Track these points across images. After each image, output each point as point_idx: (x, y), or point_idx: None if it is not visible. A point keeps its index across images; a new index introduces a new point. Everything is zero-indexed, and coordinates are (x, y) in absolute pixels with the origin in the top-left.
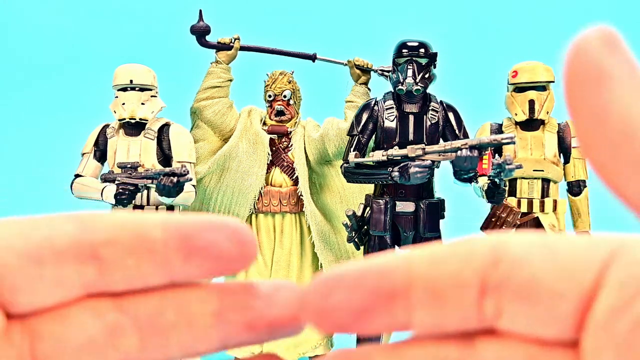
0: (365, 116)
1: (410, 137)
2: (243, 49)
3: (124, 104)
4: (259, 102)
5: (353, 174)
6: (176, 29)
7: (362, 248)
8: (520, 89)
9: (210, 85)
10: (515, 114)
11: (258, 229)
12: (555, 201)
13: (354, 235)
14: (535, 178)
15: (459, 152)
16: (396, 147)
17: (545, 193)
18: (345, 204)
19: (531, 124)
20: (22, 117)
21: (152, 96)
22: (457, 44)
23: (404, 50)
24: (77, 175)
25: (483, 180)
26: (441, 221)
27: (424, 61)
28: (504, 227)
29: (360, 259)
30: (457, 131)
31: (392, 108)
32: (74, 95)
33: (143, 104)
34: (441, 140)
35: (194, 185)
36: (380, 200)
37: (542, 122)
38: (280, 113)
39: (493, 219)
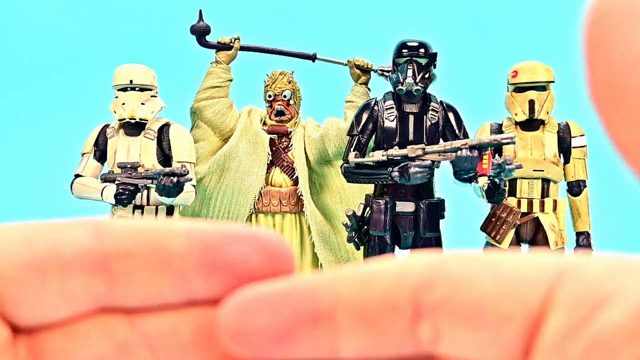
0: (365, 116)
1: (410, 137)
2: (243, 49)
3: (124, 104)
4: (259, 102)
5: (353, 174)
6: (176, 29)
7: (362, 248)
8: (520, 89)
9: (210, 85)
10: (515, 114)
11: None
12: (555, 201)
13: (354, 235)
14: (535, 178)
15: (459, 152)
16: (396, 147)
17: (545, 193)
18: (345, 204)
19: (531, 124)
20: (22, 117)
21: (152, 96)
22: (457, 44)
23: (404, 50)
24: (77, 175)
25: (483, 180)
26: (441, 221)
27: (424, 61)
28: (504, 227)
29: (360, 260)
30: (457, 131)
31: (392, 108)
32: (74, 95)
33: (143, 104)
34: (441, 140)
35: (194, 185)
36: (380, 200)
37: (542, 122)
38: (280, 113)
39: (493, 219)
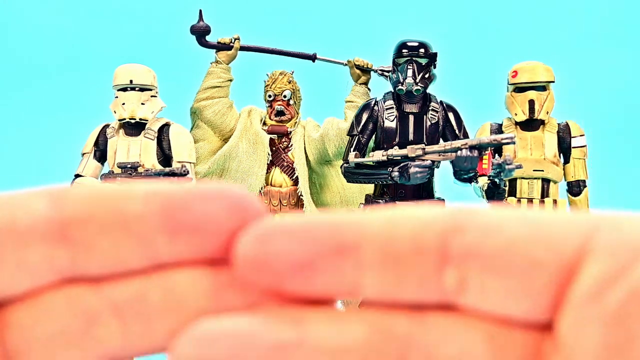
0: (365, 116)
1: (410, 137)
2: (243, 49)
3: (124, 104)
4: (259, 102)
5: (353, 174)
6: (176, 29)
7: None
8: (520, 89)
9: (210, 85)
10: (515, 114)
11: None
12: (555, 201)
13: None
14: (535, 178)
15: (459, 152)
16: (396, 147)
17: (545, 193)
18: (345, 204)
19: (531, 124)
20: (22, 117)
21: (152, 96)
22: (457, 44)
23: (404, 50)
24: (77, 175)
25: (483, 180)
26: None
27: (424, 61)
28: None
29: None
30: (457, 131)
31: (392, 108)
32: (74, 95)
33: (143, 104)
34: (441, 140)
35: None
36: (380, 200)
37: (542, 122)
38: (280, 113)
39: None
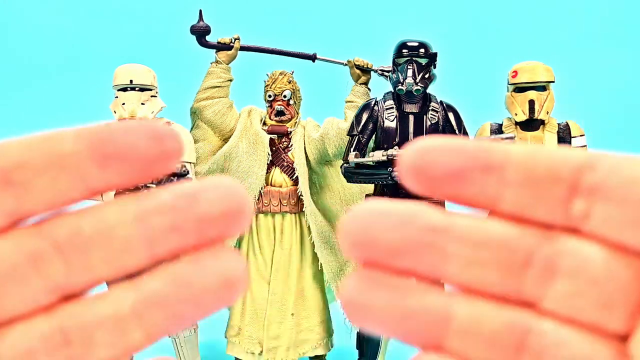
0: (365, 116)
1: (410, 137)
2: (243, 49)
3: (124, 104)
4: (259, 102)
5: (353, 174)
6: (176, 29)
7: None
8: (520, 89)
9: (210, 85)
10: (515, 114)
11: (258, 229)
12: None
13: None
14: None
15: None
16: (396, 147)
17: None
18: (345, 204)
19: (531, 124)
20: (22, 117)
21: (152, 96)
22: (457, 44)
23: (404, 50)
24: None
25: None
26: None
27: (424, 61)
28: None
29: None
30: (457, 131)
31: (392, 108)
32: (74, 95)
33: (143, 104)
34: None
35: None
36: None
37: (542, 122)
38: (280, 113)
39: None
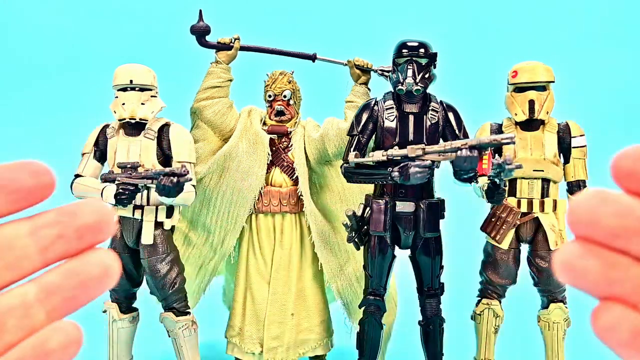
0: (365, 116)
1: (410, 137)
2: (243, 49)
3: (124, 104)
4: (259, 102)
5: (353, 174)
6: (176, 29)
7: (362, 248)
8: (520, 89)
9: (210, 85)
10: (515, 114)
11: (258, 229)
12: (555, 201)
13: (354, 235)
14: (535, 178)
15: (459, 152)
16: (396, 147)
17: (545, 193)
18: (345, 204)
19: (531, 124)
20: (22, 117)
21: (152, 96)
22: (457, 44)
23: (404, 50)
24: (77, 175)
25: (483, 180)
26: (441, 221)
27: (424, 61)
28: (504, 227)
29: (360, 260)
30: (457, 131)
31: (392, 108)
32: (74, 95)
33: (143, 104)
34: (441, 140)
35: (193, 185)
36: (380, 201)
37: (542, 122)
38: (280, 113)
39: (493, 219)
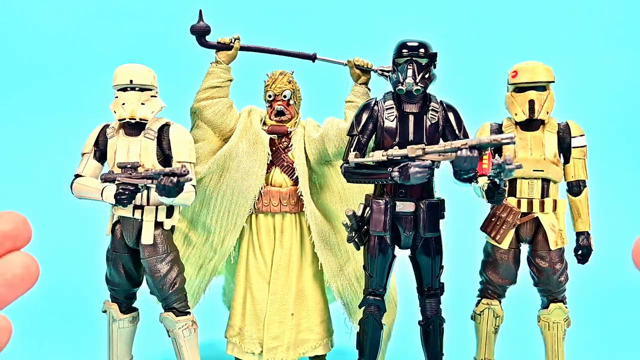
0: (365, 116)
1: (410, 137)
2: (243, 49)
3: (124, 104)
4: (259, 102)
5: (353, 174)
6: (176, 29)
7: (362, 248)
8: (520, 89)
9: (210, 85)
10: (515, 114)
11: (258, 229)
12: (555, 201)
13: (354, 235)
14: (535, 178)
15: (459, 152)
16: (396, 147)
17: (545, 193)
18: (345, 204)
19: (531, 124)
20: (22, 117)
21: (152, 96)
22: (457, 44)
23: (404, 51)
24: (77, 176)
25: (483, 180)
26: (441, 221)
27: (424, 61)
28: (504, 227)
29: (360, 260)
30: (457, 131)
31: (392, 108)
32: (74, 95)
33: (143, 104)
34: (441, 140)
35: (193, 185)
36: (380, 201)
37: (542, 122)
38: (280, 113)
39: (493, 219)
